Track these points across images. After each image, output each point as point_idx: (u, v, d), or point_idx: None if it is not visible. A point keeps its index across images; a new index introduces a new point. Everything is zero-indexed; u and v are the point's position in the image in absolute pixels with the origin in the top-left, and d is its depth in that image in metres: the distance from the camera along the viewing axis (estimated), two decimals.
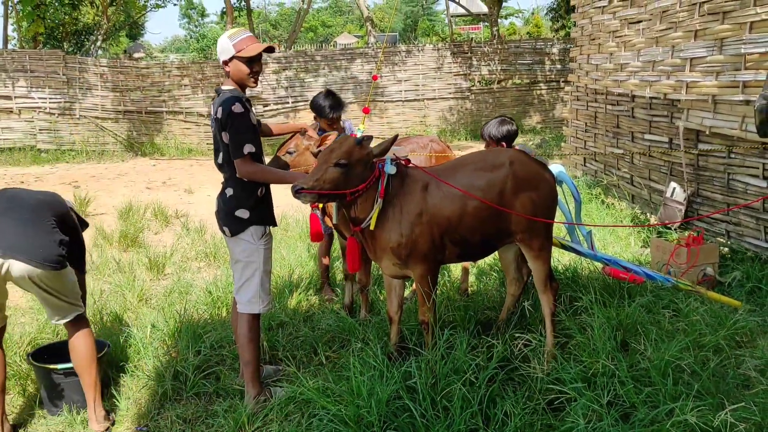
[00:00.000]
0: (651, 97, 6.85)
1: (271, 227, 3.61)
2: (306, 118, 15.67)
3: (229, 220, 3.44)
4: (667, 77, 6.45)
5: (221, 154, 3.41)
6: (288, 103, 15.69)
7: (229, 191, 3.45)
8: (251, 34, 3.47)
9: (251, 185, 3.42)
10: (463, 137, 16.22)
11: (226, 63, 3.39)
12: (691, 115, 6.07)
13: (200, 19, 62.44)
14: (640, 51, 7.06)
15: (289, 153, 4.11)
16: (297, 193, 3.26)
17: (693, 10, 5.98)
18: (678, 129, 6.24)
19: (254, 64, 3.40)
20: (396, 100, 16.37)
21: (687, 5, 6.08)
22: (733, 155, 5.62)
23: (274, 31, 56.53)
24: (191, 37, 61.62)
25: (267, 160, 3.81)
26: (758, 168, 5.31)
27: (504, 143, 4.48)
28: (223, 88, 3.42)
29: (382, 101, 16.30)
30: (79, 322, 3.49)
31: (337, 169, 3.33)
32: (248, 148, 3.29)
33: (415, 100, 16.49)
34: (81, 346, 3.44)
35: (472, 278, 5.25)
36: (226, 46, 3.36)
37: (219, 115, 3.30)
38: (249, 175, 3.36)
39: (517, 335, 3.88)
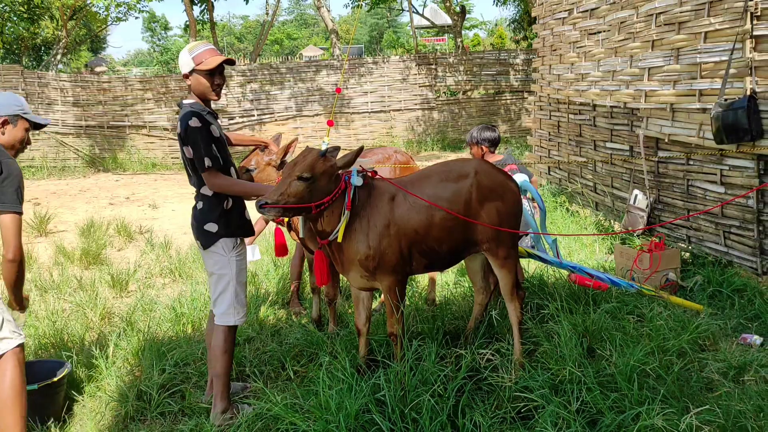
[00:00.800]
0: (611, 106, 6.97)
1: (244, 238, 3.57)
2: (272, 130, 15.61)
3: (200, 233, 3.43)
4: (627, 86, 6.58)
5: (188, 169, 3.42)
6: (254, 115, 15.60)
7: (200, 205, 3.44)
8: (212, 46, 3.43)
9: (217, 198, 3.39)
10: (430, 147, 16.31)
11: (186, 76, 3.37)
12: (651, 123, 6.19)
13: (163, 32, 61.85)
14: (600, 61, 7.19)
15: (249, 170, 4.07)
16: (261, 207, 3.22)
17: (650, 21, 6.11)
18: (638, 137, 6.36)
19: (215, 76, 3.37)
20: (362, 111, 16.40)
21: (644, 16, 6.22)
22: (691, 162, 5.74)
23: (239, 44, 56.26)
24: (154, 51, 60.96)
25: None
26: (716, 174, 5.43)
27: (486, 147, 5.04)
28: (185, 102, 3.39)
29: (348, 113, 16.32)
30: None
31: (301, 182, 3.30)
32: (207, 162, 3.26)
33: (381, 111, 16.55)
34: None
35: (439, 288, 5.25)
36: (186, 59, 3.34)
37: (179, 130, 3.30)
38: (217, 188, 3.33)
39: (485, 344, 3.90)
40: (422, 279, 5.44)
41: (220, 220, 3.40)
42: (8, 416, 3.00)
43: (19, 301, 3.22)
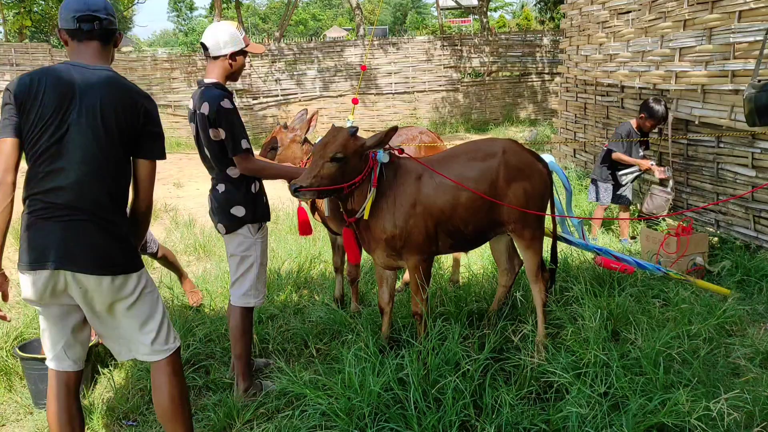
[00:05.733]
0: (640, 88, 6.84)
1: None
2: (296, 110, 15.60)
3: (224, 216, 3.37)
4: (657, 67, 6.45)
5: (208, 150, 3.31)
6: (278, 95, 15.59)
7: (221, 187, 3.36)
8: None
9: (245, 181, 3.35)
10: (455, 129, 16.20)
11: (230, 55, 3.29)
12: (681, 105, 6.07)
13: (188, 12, 62.05)
14: (630, 41, 7.05)
15: (274, 149, 4.07)
16: (296, 191, 3.22)
17: (682, 0, 5.97)
18: (668, 118, 6.23)
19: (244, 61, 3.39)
20: (386, 92, 16.31)
21: None
22: (722, 145, 5.63)
23: (263, 24, 56.23)
24: (180, 31, 61.24)
25: None
26: (747, 157, 5.32)
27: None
28: (207, 81, 3.31)
29: (372, 94, 16.24)
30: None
31: (333, 163, 3.29)
32: (245, 144, 3.23)
33: (405, 92, 16.43)
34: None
35: (463, 269, 5.23)
36: (234, 37, 3.27)
37: (205, 111, 3.17)
38: (251, 171, 3.30)
39: (508, 326, 3.89)
40: (446, 260, 5.43)
41: (248, 203, 3.36)
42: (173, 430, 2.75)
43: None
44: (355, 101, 4.26)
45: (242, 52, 3.33)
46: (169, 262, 4.83)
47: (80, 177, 2.38)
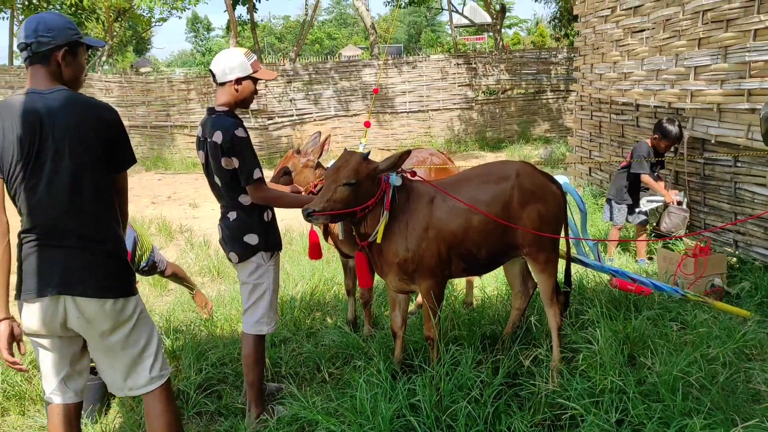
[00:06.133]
0: (655, 106, 6.80)
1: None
2: (311, 130, 15.69)
3: (236, 245, 3.35)
4: (672, 86, 6.40)
5: (219, 179, 3.29)
6: (293, 115, 15.70)
7: (233, 215, 3.35)
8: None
9: (257, 209, 3.34)
10: (470, 147, 16.18)
11: (238, 81, 3.27)
12: (696, 124, 6.02)
13: (206, 33, 62.95)
14: (644, 60, 7.02)
15: (287, 174, 4.08)
16: (309, 216, 3.23)
17: (696, 19, 5.94)
18: (684, 137, 6.18)
19: (256, 87, 3.38)
20: (401, 111, 16.35)
21: (690, 13, 6.04)
22: (739, 164, 5.56)
23: (279, 44, 56.84)
24: (197, 51, 62.07)
25: None
26: (765, 177, 5.25)
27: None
28: (218, 108, 3.29)
29: (386, 113, 16.29)
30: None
31: (346, 188, 3.30)
32: (258, 173, 3.23)
33: (420, 111, 16.46)
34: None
35: (476, 291, 5.19)
36: (242, 62, 3.25)
37: (218, 140, 3.16)
38: (264, 201, 3.30)
39: (523, 350, 3.84)
40: (460, 282, 5.39)
41: (261, 231, 3.34)
42: None
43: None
44: (367, 124, 4.27)
45: (250, 78, 3.31)
46: (179, 277, 4.90)
47: (66, 206, 2.39)
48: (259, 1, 16.42)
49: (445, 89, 16.53)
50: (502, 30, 22.22)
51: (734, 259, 5.56)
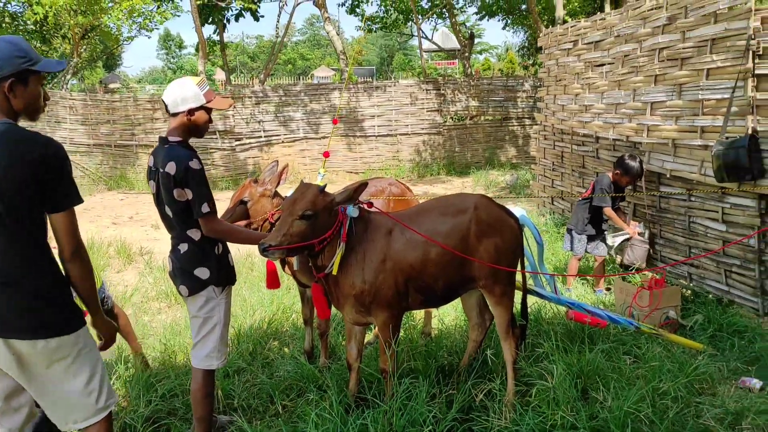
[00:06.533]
0: (614, 139, 6.94)
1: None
2: (279, 152, 15.65)
3: (187, 278, 3.26)
4: (630, 120, 6.55)
5: (170, 210, 3.22)
6: (261, 137, 15.64)
7: (183, 247, 3.27)
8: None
9: (207, 242, 3.27)
10: (437, 172, 16.29)
11: (191, 111, 3.22)
12: (653, 158, 6.15)
13: (177, 50, 62.70)
14: (604, 93, 7.17)
15: (243, 203, 4.04)
16: (265, 251, 3.19)
17: (653, 56, 6.10)
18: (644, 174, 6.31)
19: (210, 116, 3.34)
20: (369, 135, 16.41)
21: (647, 51, 6.20)
22: (693, 198, 5.69)
23: (252, 63, 56.83)
24: (168, 68, 61.69)
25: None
26: (717, 212, 5.37)
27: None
28: (171, 139, 3.24)
29: (355, 136, 16.34)
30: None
31: (302, 221, 3.27)
32: (211, 206, 3.18)
33: (388, 135, 16.54)
34: None
35: (435, 321, 5.19)
36: (196, 93, 3.21)
37: (171, 171, 3.10)
38: (216, 234, 3.24)
39: (478, 383, 3.84)
40: (419, 311, 5.38)
41: (212, 265, 3.28)
42: None
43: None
44: (326, 155, 4.26)
45: (203, 108, 3.26)
46: (122, 328, 4.48)
47: None
48: (229, 22, 16.41)
49: (414, 114, 16.66)
50: (473, 56, 22.55)
51: (688, 292, 5.66)
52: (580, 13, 18.74)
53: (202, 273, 3.25)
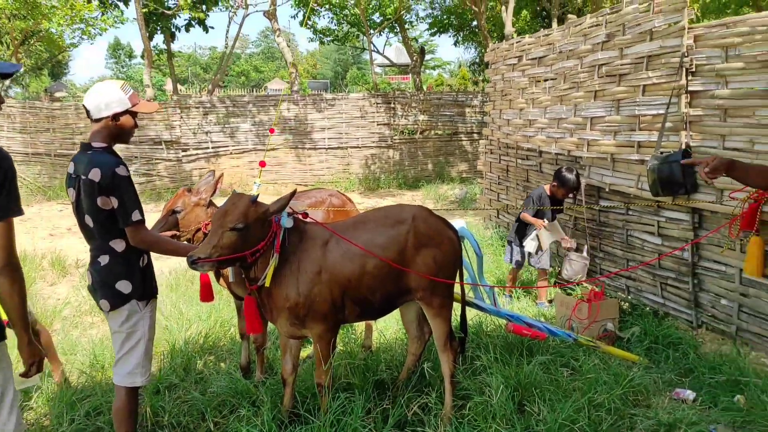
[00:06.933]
0: (557, 153, 7.03)
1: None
2: (227, 164, 15.41)
3: (107, 292, 3.11)
4: (571, 134, 6.65)
5: (92, 219, 3.06)
6: (209, 148, 15.38)
7: (104, 260, 3.11)
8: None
9: (131, 254, 3.13)
10: (387, 185, 16.30)
11: (115, 116, 3.09)
12: (593, 172, 6.25)
13: (127, 60, 61.50)
14: (547, 108, 7.27)
15: (176, 212, 3.92)
16: (193, 263, 3.07)
17: (593, 72, 6.21)
18: (581, 185, 6.40)
19: (136, 121, 3.22)
20: (320, 147, 16.34)
21: (588, 67, 6.32)
22: (630, 212, 5.79)
23: (204, 74, 56.10)
24: (117, 78, 60.40)
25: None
26: (653, 225, 5.48)
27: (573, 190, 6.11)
28: (95, 145, 3.10)
29: (305, 148, 16.23)
30: None
31: (234, 232, 3.18)
32: (138, 215, 3.05)
33: (338, 147, 16.50)
34: None
35: (376, 334, 5.12)
36: (120, 97, 3.08)
37: (95, 178, 2.96)
38: (144, 244, 3.11)
39: (414, 397, 3.79)
40: (359, 324, 5.31)
41: (135, 278, 3.13)
42: None
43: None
44: (262, 164, 4.17)
45: (129, 113, 3.14)
46: (40, 342, 4.22)
47: None
48: (179, 30, 16.13)
49: (365, 127, 16.66)
50: (427, 71, 22.76)
51: (626, 305, 5.75)
52: (529, 31, 19.13)
53: (125, 286, 3.11)
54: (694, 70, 4.89)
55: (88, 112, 3.11)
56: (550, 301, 6.25)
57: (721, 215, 4.77)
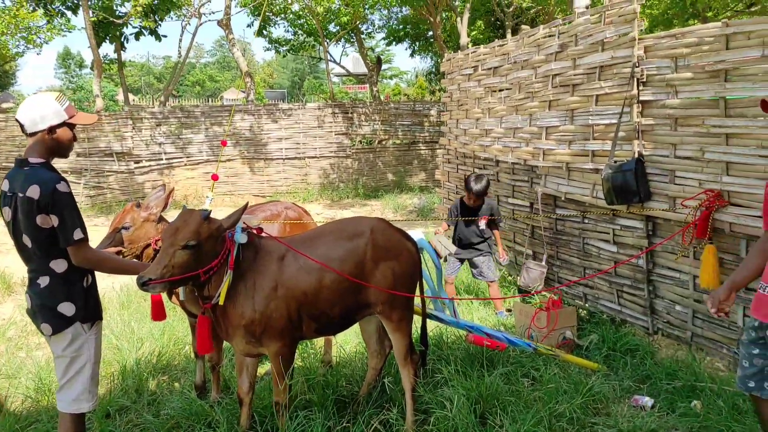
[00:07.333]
0: (513, 163, 7.07)
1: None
2: (181, 175, 15.11)
3: (48, 315, 2.95)
4: (527, 144, 6.70)
5: (30, 239, 2.90)
6: (162, 159, 15.06)
7: (44, 281, 2.94)
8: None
9: (73, 274, 2.98)
10: (345, 195, 16.22)
11: (52, 130, 2.95)
12: (549, 181, 6.30)
13: (77, 69, 60.05)
14: (503, 118, 7.32)
15: (125, 228, 3.77)
16: (144, 285, 2.95)
17: (547, 82, 6.28)
18: (537, 194, 6.45)
19: (74, 133, 3.07)
20: (277, 157, 16.17)
21: (542, 77, 6.38)
22: (586, 221, 5.85)
23: (158, 84, 55.16)
24: (67, 88, 58.90)
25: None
26: (609, 233, 5.54)
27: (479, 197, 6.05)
28: (32, 160, 2.95)
29: (262, 159, 16.05)
30: None
31: (186, 251, 3.07)
32: (81, 233, 2.90)
33: (296, 158, 16.37)
34: None
35: (335, 349, 5.03)
36: (56, 109, 2.94)
37: (34, 195, 2.80)
38: (87, 264, 2.97)
39: (376, 413, 3.72)
40: (318, 339, 5.21)
41: (79, 299, 2.98)
42: None
43: None
44: (214, 178, 4.06)
45: (66, 125, 3.00)
46: None
47: None
48: (128, 40, 15.78)
49: (322, 137, 16.58)
50: (384, 81, 22.79)
51: (584, 312, 5.79)
52: (484, 41, 19.35)
53: (67, 309, 2.96)
54: (645, 80, 4.97)
55: (22, 126, 2.96)
56: (509, 310, 6.27)
57: (673, 223, 4.85)
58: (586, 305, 5.90)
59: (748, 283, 3.17)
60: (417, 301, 4.03)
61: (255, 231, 3.55)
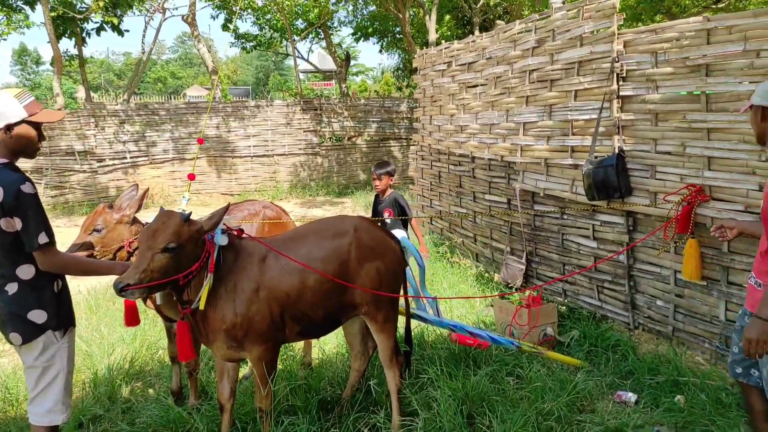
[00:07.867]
0: (489, 159, 7.03)
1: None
2: (146, 174, 14.76)
3: (18, 324, 2.79)
4: (504, 140, 6.66)
5: None
6: (126, 158, 14.68)
7: (11, 288, 2.78)
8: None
9: (42, 280, 2.83)
10: (316, 193, 16.05)
11: (9, 128, 2.77)
12: (527, 177, 6.27)
13: (35, 66, 58.44)
14: (478, 114, 7.27)
15: (97, 231, 3.60)
16: (121, 291, 2.80)
17: (524, 78, 6.24)
18: (515, 190, 6.42)
19: (40, 132, 2.90)
20: (245, 155, 15.92)
21: (518, 72, 6.34)
22: (565, 217, 5.83)
23: (118, 81, 54.03)
24: (24, 85, 57.31)
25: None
26: (588, 229, 5.53)
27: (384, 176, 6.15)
28: None
29: (230, 157, 15.77)
30: None
31: (165, 254, 2.93)
32: (47, 236, 2.75)
33: (264, 155, 16.13)
34: None
35: (315, 351, 4.92)
36: (14, 107, 2.77)
37: None
38: (55, 268, 2.81)
39: (361, 417, 3.64)
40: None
41: (50, 306, 2.84)
42: None
43: None
44: (191, 177, 3.91)
45: (27, 123, 2.81)
46: None
47: None
48: (89, 36, 15.30)
49: (291, 134, 16.37)
50: (350, 77, 22.63)
51: (564, 308, 5.78)
52: (452, 37, 19.35)
53: (38, 316, 2.80)
54: (624, 75, 4.96)
55: None
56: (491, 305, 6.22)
57: (654, 218, 4.85)
58: (566, 301, 5.89)
59: (751, 234, 3.42)
60: (400, 300, 3.95)
61: (236, 232, 3.42)
